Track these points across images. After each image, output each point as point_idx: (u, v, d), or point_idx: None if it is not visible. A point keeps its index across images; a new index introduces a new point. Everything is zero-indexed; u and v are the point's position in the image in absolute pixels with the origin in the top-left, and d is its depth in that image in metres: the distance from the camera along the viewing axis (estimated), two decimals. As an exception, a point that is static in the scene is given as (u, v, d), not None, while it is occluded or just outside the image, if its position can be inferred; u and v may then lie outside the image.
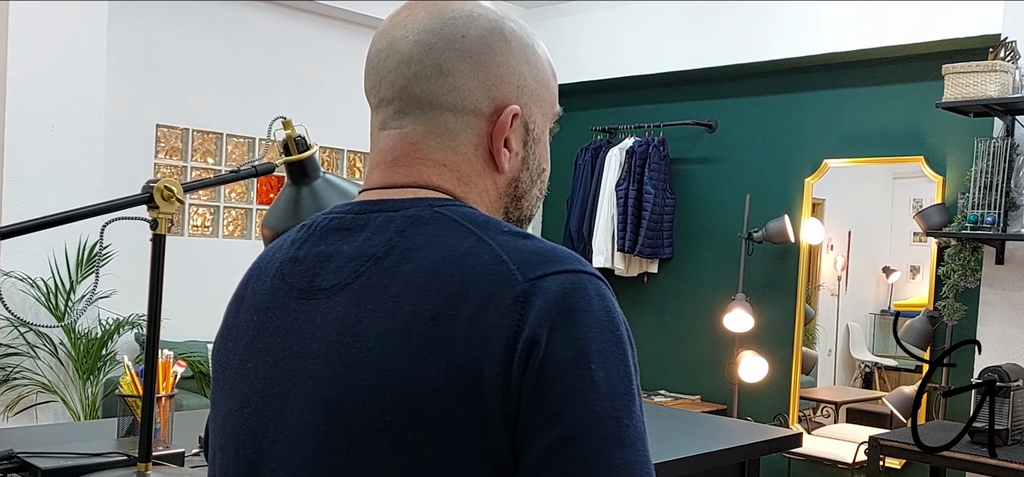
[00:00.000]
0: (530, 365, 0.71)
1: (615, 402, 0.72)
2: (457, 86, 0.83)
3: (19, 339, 3.75)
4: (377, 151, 0.87)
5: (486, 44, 0.84)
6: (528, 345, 0.72)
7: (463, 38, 0.83)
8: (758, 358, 4.65)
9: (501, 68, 0.84)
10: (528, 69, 0.86)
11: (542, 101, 0.88)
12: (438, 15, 0.84)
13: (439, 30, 0.83)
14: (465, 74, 0.83)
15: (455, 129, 0.84)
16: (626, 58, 5.20)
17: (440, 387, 0.72)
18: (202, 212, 4.77)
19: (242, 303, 0.89)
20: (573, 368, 0.72)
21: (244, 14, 4.78)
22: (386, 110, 0.86)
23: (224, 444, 0.86)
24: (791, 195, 4.68)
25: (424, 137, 0.84)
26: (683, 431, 2.37)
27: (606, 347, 0.74)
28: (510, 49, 0.85)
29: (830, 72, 4.56)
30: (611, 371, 0.73)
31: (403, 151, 0.85)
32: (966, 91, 3.52)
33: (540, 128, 0.89)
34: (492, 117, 0.84)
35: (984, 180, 3.55)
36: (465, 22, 0.84)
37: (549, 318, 0.72)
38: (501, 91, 0.84)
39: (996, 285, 3.67)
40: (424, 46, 0.83)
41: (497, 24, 0.85)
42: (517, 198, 0.89)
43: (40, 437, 1.95)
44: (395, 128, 0.85)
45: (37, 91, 3.79)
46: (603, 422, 0.71)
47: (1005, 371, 3.06)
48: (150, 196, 1.35)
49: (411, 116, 0.84)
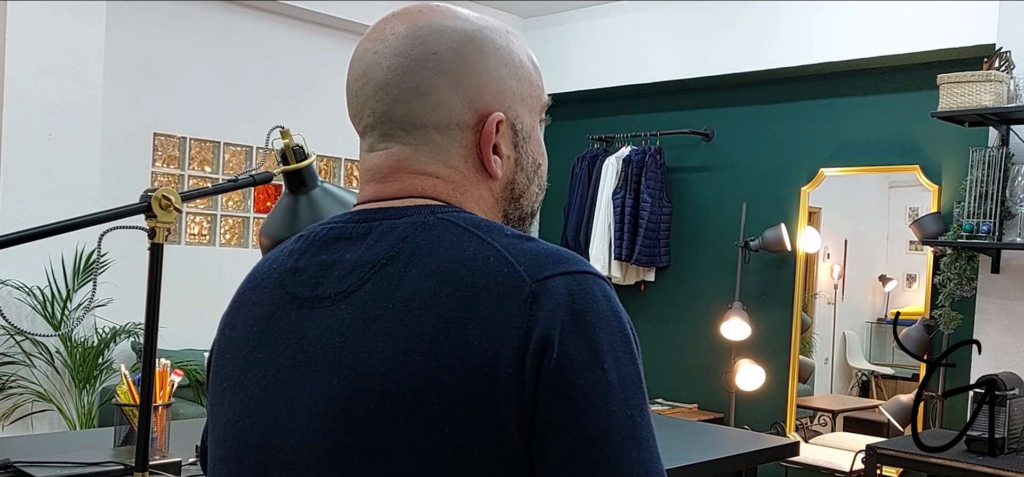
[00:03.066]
0: (544, 367, 0.72)
1: (629, 401, 0.74)
2: (437, 104, 0.83)
3: (15, 348, 3.74)
4: (367, 170, 0.87)
5: (460, 57, 0.84)
6: (540, 347, 0.72)
7: (435, 55, 0.83)
8: (755, 366, 4.66)
9: (479, 77, 0.84)
10: (507, 71, 0.86)
11: (526, 98, 0.88)
12: (407, 35, 0.84)
13: (410, 51, 0.83)
14: (443, 90, 0.83)
15: (442, 145, 0.84)
16: (622, 67, 5.21)
17: (454, 389, 0.72)
18: (199, 221, 4.77)
19: (239, 314, 0.89)
20: (589, 370, 0.73)
21: (241, 23, 4.78)
22: (371, 135, 0.86)
23: (225, 455, 0.86)
24: (787, 204, 4.69)
25: (412, 154, 0.85)
26: (680, 440, 2.37)
27: (617, 347, 0.75)
28: (485, 56, 0.85)
29: (826, 81, 4.58)
30: (623, 371, 0.74)
31: (393, 167, 0.85)
32: (961, 100, 3.54)
33: (528, 126, 0.89)
34: (477, 127, 0.84)
35: (979, 189, 3.56)
36: (435, 38, 0.83)
37: (559, 320, 0.73)
38: (483, 100, 0.84)
39: (992, 294, 3.68)
40: (398, 70, 0.83)
41: (468, 34, 0.84)
42: (515, 199, 0.89)
43: (37, 446, 1.94)
44: (382, 149, 0.86)
45: (34, 99, 3.79)
46: (621, 422, 0.73)
47: (1002, 379, 3.06)
48: (148, 205, 1.35)
49: (396, 138, 0.85)
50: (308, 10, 4.80)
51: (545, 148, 0.93)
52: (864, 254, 4.84)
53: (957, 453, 3.07)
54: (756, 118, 4.85)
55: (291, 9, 4.80)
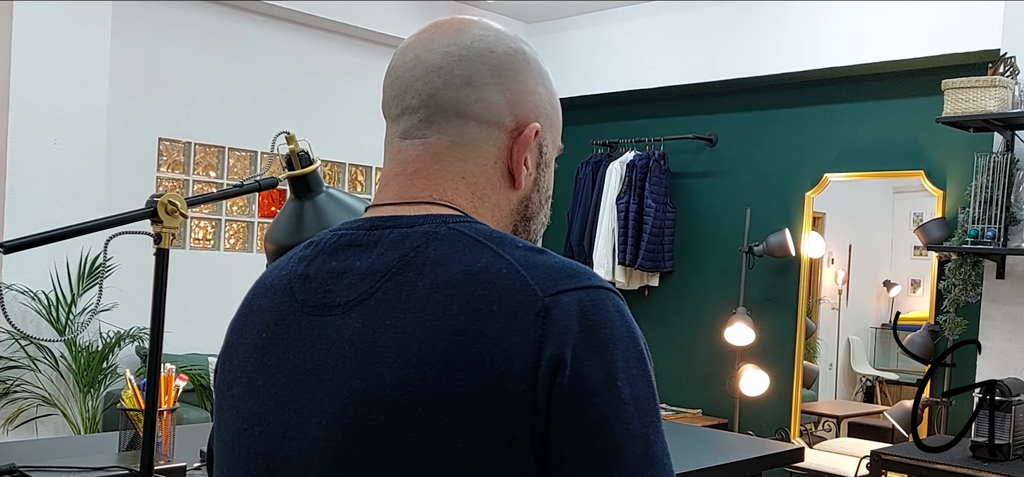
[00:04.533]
0: (558, 384, 0.72)
1: (643, 419, 0.74)
2: (483, 97, 0.85)
3: (20, 352, 3.74)
4: (397, 162, 0.87)
5: (511, 62, 0.87)
6: (553, 362, 0.72)
7: (491, 53, 0.86)
8: (759, 372, 4.65)
9: (524, 86, 0.88)
10: (545, 92, 0.90)
11: (553, 128, 0.92)
12: (466, 32, 0.87)
13: (469, 44, 0.86)
14: (491, 87, 0.86)
15: (478, 140, 0.85)
16: (626, 72, 5.21)
17: (467, 403, 0.72)
18: (203, 225, 4.77)
19: (247, 320, 0.88)
20: (604, 389, 0.72)
21: (246, 28, 4.79)
22: (410, 119, 0.86)
23: (233, 463, 0.86)
24: (792, 209, 4.69)
25: (447, 148, 0.85)
26: (684, 446, 2.36)
27: (631, 364, 0.75)
28: (531, 70, 0.89)
29: (830, 86, 4.57)
30: (637, 388, 0.74)
31: (425, 162, 0.85)
32: (966, 106, 3.53)
33: (550, 154, 0.92)
34: (514, 132, 0.87)
35: (984, 195, 3.55)
36: (492, 40, 0.87)
37: (572, 336, 0.73)
38: (523, 108, 0.87)
39: (997, 300, 3.67)
40: (453, 57, 0.85)
41: (519, 46, 0.89)
42: (527, 219, 0.90)
43: (42, 451, 1.94)
44: (419, 138, 0.86)
45: (40, 104, 3.80)
46: (636, 441, 0.73)
47: (1006, 385, 3.05)
48: (154, 210, 1.35)
49: (436, 125, 0.86)
50: (313, 16, 4.82)
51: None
52: (868, 259, 4.83)
53: (963, 459, 3.06)
54: (760, 123, 4.84)
55: (296, 15, 4.81)
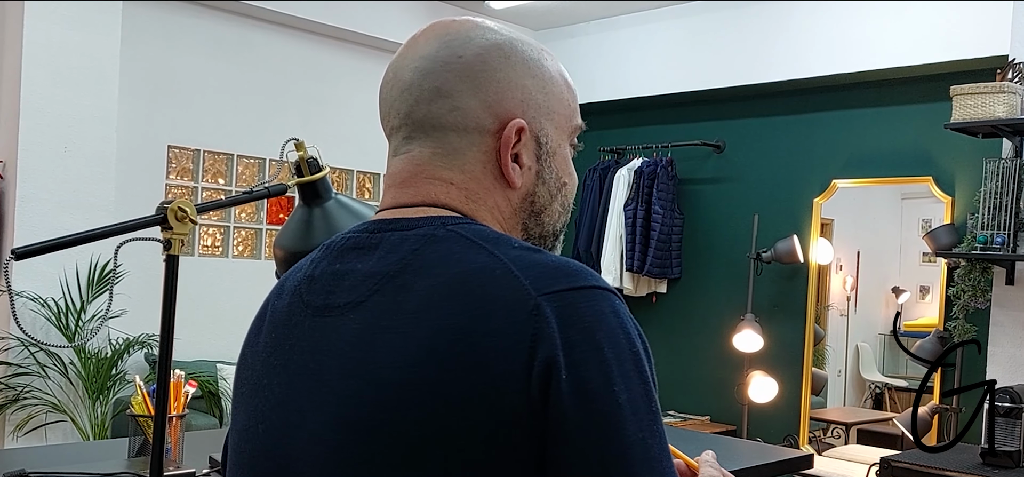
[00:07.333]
0: (553, 389, 0.71)
1: (640, 423, 0.72)
2: (457, 106, 0.84)
3: (29, 359, 3.76)
4: (389, 175, 0.89)
5: (483, 62, 0.85)
6: (547, 365, 0.71)
7: (459, 59, 0.85)
8: (767, 378, 4.64)
9: (501, 84, 0.85)
10: (533, 83, 0.87)
11: (554, 114, 0.88)
12: (436, 40, 0.86)
13: (436, 54, 0.85)
14: (464, 93, 0.84)
15: (460, 148, 0.85)
16: (634, 79, 5.22)
17: (464, 403, 0.72)
18: (212, 232, 4.79)
19: (263, 321, 0.90)
20: (600, 394, 0.71)
21: (254, 36, 4.81)
22: (396, 138, 0.88)
23: (238, 460, 0.87)
24: (800, 215, 4.68)
25: (430, 158, 0.85)
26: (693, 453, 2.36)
27: (626, 367, 0.73)
28: (510, 64, 0.86)
29: (838, 92, 4.57)
30: (633, 392, 0.73)
31: (411, 172, 0.86)
32: (974, 112, 3.52)
33: (554, 141, 0.89)
34: (497, 133, 0.85)
35: (993, 201, 3.54)
36: (461, 43, 0.85)
37: (566, 338, 0.72)
38: (504, 106, 0.85)
39: (1006, 306, 3.65)
40: (422, 72, 0.85)
41: (496, 43, 0.86)
42: (536, 214, 0.89)
43: (52, 457, 1.95)
44: (404, 153, 0.87)
45: (50, 112, 3.82)
46: (633, 446, 0.71)
47: (1016, 392, 3.04)
48: (164, 217, 1.35)
49: (417, 140, 0.86)
50: (321, 23, 4.83)
51: (574, 170, 0.93)
52: (877, 266, 4.82)
53: (973, 466, 3.05)
54: (768, 129, 4.84)
55: (304, 22, 4.83)
